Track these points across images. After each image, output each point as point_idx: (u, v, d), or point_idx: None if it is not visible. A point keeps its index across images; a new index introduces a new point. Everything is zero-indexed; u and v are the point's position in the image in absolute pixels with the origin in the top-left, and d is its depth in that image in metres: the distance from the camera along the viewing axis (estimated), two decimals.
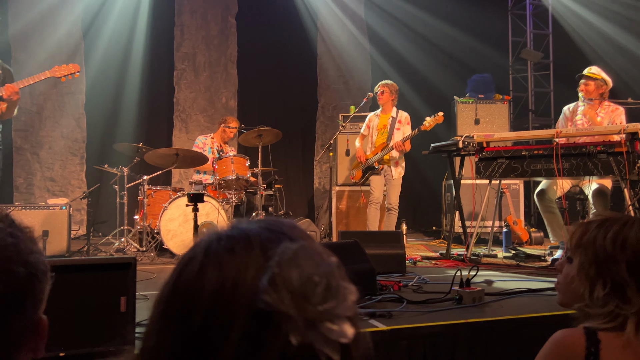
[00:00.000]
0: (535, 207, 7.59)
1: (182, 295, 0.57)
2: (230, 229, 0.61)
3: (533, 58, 7.96)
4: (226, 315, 0.52)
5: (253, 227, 0.60)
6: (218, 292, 0.54)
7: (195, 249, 0.60)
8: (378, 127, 5.60)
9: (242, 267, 0.54)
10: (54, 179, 7.02)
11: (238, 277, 0.54)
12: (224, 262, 0.56)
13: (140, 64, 7.22)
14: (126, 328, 1.98)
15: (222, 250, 0.57)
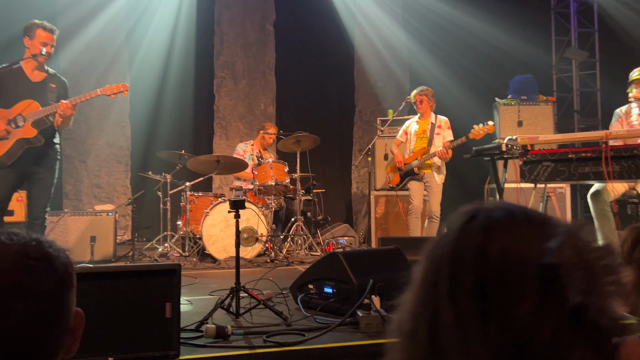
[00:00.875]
0: (583, 212, 7.35)
1: (470, 259, 0.62)
2: (496, 207, 0.67)
3: (578, 57, 7.71)
4: (518, 274, 0.58)
5: (520, 207, 0.66)
6: (508, 253, 0.60)
7: (471, 220, 0.65)
8: (417, 133, 5.48)
9: (521, 235, 0.61)
10: (101, 185, 7.25)
11: (520, 242, 0.60)
12: (509, 230, 0.62)
13: (181, 73, 7.40)
14: (171, 333, 2.01)
15: (504, 221, 0.64)
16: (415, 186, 5.41)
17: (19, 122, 3.77)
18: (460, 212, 0.68)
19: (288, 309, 2.76)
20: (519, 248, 0.60)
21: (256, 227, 5.09)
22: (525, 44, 7.65)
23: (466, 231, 0.64)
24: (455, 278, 0.62)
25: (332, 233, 6.39)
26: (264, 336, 2.26)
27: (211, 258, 5.03)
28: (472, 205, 0.69)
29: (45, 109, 3.82)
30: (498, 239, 0.61)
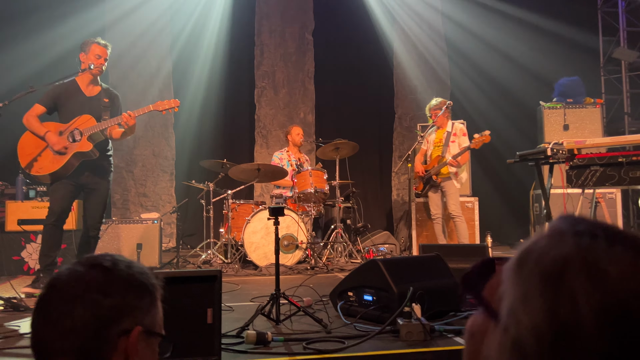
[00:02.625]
0: (635, 218, 7.03)
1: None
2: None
3: (628, 58, 7.41)
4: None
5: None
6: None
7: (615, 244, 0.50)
8: (434, 142, 5.65)
9: None
10: (147, 194, 7.48)
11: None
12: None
13: (223, 84, 7.59)
14: (212, 339, 2.05)
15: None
16: (432, 197, 5.62)
17: (76, 137, 3.95)
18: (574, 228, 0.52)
19: (328, 316, 2.76)
20: None
21: (296, 234, 5.13)
22: (571, 45, 7.43)
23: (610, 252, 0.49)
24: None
25: (372, 240, 6.35)
26: (304, 343, 2.27)
27: (253, 265, 5.09)
28: (582, 220, 0.53)
29: (101, 123, 4.00)
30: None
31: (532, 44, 7.58)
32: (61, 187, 3.95)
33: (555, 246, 0.50)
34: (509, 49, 7.69)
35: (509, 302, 0.50)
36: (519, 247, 0.54)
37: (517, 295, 0.50)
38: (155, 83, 7.45)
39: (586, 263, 0.48)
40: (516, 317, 0.49)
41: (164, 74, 7.54)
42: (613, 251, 0.49)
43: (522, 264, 0.51)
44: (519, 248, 0.54)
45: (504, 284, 0.52)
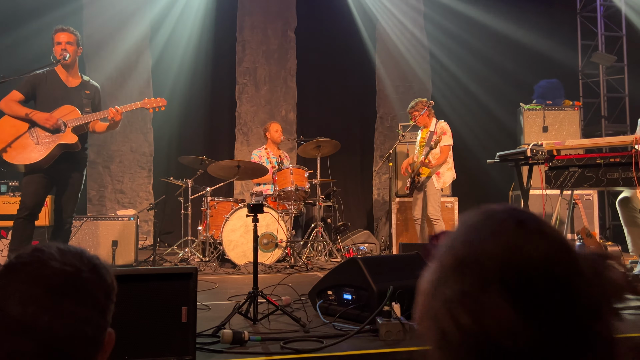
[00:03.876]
0: (611, 219, 7.15)
1: (512, 261, 0.64)
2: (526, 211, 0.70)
3: (605, 62, 7.53)
4: (564, 270, 0.64)
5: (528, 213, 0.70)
6: (551, 254, 0.64)
7: (501, 223, 0.68)
8: (419, 142, 5.60)
9: (557, 238, 0.66)
10: (124, 191, 7.34)
11: (562, 244, 0.66)
12: (544, 234, 0.66)
13: (203, 80, 7.48)
14: (187, 338, 1.99)
15: (542, 226, 0.67)
16: (416, 197, 5.54)
17: (61, 128, 3.85)
18: (499, 213, 0.70)
19: (306, 316, 2.71)
20: (561, 251, 0.65)
21: (276, 232, 5.08)
22: (550, 49, 7.52)
23: (519, 234, 0.66)
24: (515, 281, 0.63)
25: (352, 239, 6.34)
26: (282, 342, 2.23)
27: (231, 263, 5.03)
28: (506, 207, 0.71)
29: (86, 116, 3.93)
30: (552, 244, 0.65)
31: (513, 46, 7.65)
32: (35, 181, 3.84)
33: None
34: (489, 50, 7.75)
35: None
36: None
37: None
38: (134, 77, 7.32)
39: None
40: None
41: (144, 67, 7.40)
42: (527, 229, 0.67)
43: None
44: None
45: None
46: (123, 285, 0.99)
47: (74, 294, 0.76)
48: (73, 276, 0.77)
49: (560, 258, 0.65)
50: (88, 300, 0.77)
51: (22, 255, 0.78)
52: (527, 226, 0.67)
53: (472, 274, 0.65)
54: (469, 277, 0.65)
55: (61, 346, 0.74)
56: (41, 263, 0.76)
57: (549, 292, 0.63)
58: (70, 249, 0.80)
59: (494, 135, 7.34)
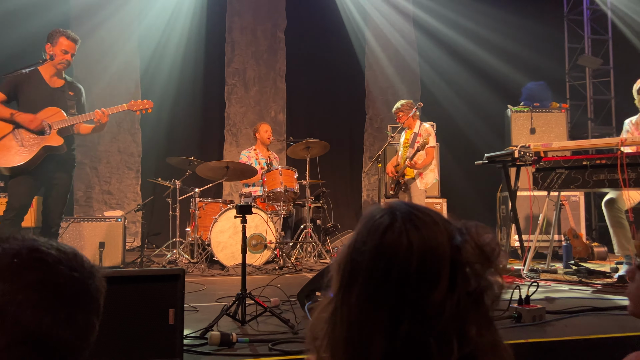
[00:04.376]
0: (598, 220, 7.22)
1: (389, 252, 0.73)
2: (405, 205, 0.78)
3: (592, 65, 7.61)
4: (435, 264, 0.72)
5: (422, 206, 0.79)
6: (426, 248, 0.72)
7: (386, 221, 0.75)
8: (403, 143, 5.63)
9: (436, 232, 0.74)
10: (111, 192, 7.28)
11: (436, 238, 0.73)
12: (421, 228, 0.74)
13: (192, 81, 7.45)
14: (174, 340, 1.98)
15: (415, 220, 0.75)
16: (401, 196, 5.55)
17: (46, 130, 3.80)
18: (375, 211, 0.78)
19: (295, 317, 2.71)
20: (436, 244, 0.73)
21: (265, 233, 5.06)
22: (538, 51, 7.59)
23: (391, 230, 0.74)
24: (381, 271, 0.72)
25: (341, 241, 6.34)
26: (270, 344, 2.22)
27: (219, 265, 5.00)
28: (385, 205, 0.79)
29: (72, 118, 3.88)
30: (420, 235, 0.73)
31: (501, 49, 7.70)
32: (22, 182, 3.79)
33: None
34: (478, 52, 7.80)
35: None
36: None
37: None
38: (122, 78, 7.26)
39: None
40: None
41: (132, 68, 7.35)
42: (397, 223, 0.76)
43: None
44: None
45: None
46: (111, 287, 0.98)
47: (81, 300, 0.76)
48: (80, 283, 0.77)
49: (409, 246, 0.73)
50: (92, 307, 0.78)
51: (22, 257, 0.75)
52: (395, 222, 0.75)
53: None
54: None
55: (63, 351, 0.74)
56: (49, 268, 0.75)
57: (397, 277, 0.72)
58: (67, 250, 0.79)
59: (482, 137, 7.39)
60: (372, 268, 0.73)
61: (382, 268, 0.72)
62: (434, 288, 0.70)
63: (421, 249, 0.72)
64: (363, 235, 0.76)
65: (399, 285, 0.71)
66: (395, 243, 0.72)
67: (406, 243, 0.72)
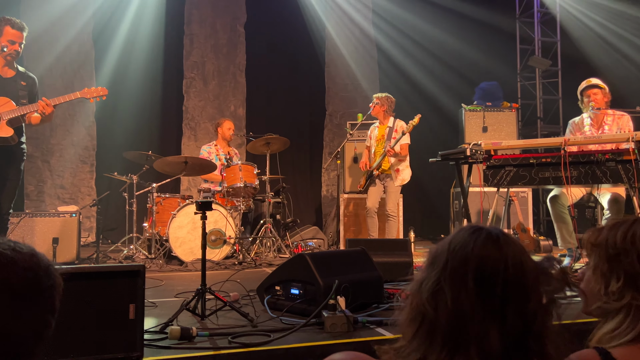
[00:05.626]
0: (544, 215, 7.57)
1: (485, 266, 0.89)
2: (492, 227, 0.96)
3: (541, 65, 7.94)
4: (530, 279, 0.89)
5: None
6: (522, 264, 0.90)
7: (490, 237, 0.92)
8: (377, 138, 5.68)
9: (522, 249, 0.92)
10: (64, 186, 7.09)
11: (526, 255, 0.92)
12: (516, 245, 0.92)
13: (150, 73, 7.31)
14: (135, 335, 2.00)
15: (509, 239, 0.93)
16: (371, 189, 5.60)
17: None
18: (471, 229, 0.94)
19: (254, 311, 2.76)
20: (526, 260, 0.90)
21: (224, 229, 5.07)
22: (492, 51, 7.85)
23: (491, 245, 0.90)
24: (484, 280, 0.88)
25: (301, 235, 6.41)
26: (229, 337, 2.26)
27: (178, 260, 4.98)
28: (476, 224, 0.96)
29: (21, 108, 3.77)
30: (513, 252, 0.90)
31: (457, 49, 7.93)
32: None
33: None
34: (435, 52, 8.01)
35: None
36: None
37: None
38: (76, 68, 7.07)
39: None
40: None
41: (86, 58, 7.16)
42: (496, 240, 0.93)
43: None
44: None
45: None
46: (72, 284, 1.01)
47: (36, 299, 0.78)
48: (34, 282, 0.78)
49: (514, 261, 0.89)
50: (46, 305, 0.80)
51: None
52: (496, 239, 0.91)
53: (434, 265, 0.93)
54: (434, 267, 0.93)
55: (16, 347, 0.76)
56: (2, 268, 0.77)
57: (503, 287, 0.87)
58: (24, 249, 0.81)
59: (438, 135, 7.61)
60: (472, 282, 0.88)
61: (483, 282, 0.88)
62: (528, 301, 0.88)
63: (516, 265, 0.89)
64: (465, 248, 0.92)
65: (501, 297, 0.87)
66: (492, 260, 0.90)
67: (504, 259, 0.89)
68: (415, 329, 0.90)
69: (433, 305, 0.88)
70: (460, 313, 0.86)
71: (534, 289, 0.89)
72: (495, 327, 0.85)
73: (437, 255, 0.94)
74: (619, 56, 7.01)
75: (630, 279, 1.06)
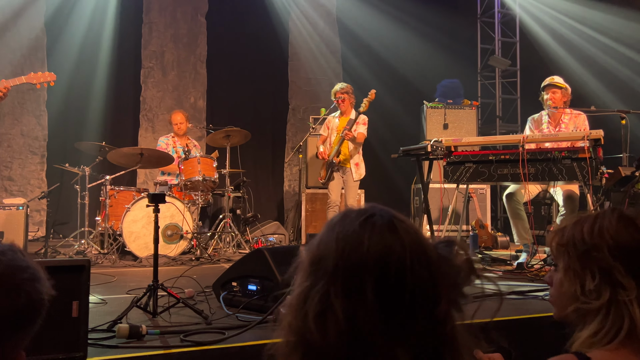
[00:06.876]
0: (502, 212, 7.73)
1: (388, 269, 0.70)
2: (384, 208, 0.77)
3: (501, 65, 8.09)
4: (424, 263, 0.72)
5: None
6: (415, 248, 0.72)
7: (369, 221, 0.73)
8: (337, 129, 5.54)
9: (419, 234, 0.75)
10: (12, 178, 6.75)
11: (424, 244, 0.74)
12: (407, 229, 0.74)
13: (106, 61, 7.03)
14: (78, 334, 1.88)
15: (404, 223, 0.75)
16: (332, 183, 5.46)
17: None
18: (360, 216, 0.74)
19: (210, 308, 2.66)
20: (428, 248, 0.73)
21: (181, 224, 4.93)
22: (454, 50, 7.95)
23: (375, 231, 0.72)
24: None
25: (261, 231, 6.32)
26: (182, 335, 2.17)
27: (132, 256, 4.81)
28: (360, 208, 0.77)
29: None
30: (411, 241, 0.72)
31: (420, 47, 7.98)
32: None
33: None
34: (398, 50, 8.04)
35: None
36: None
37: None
38: (26, 55, 6.73)
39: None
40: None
41: (37, 45, 6.83)
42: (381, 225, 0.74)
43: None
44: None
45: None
46: None
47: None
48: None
49: (418, 255, 0.71)
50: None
51: None
52: (393, 227, 0.72)
53: (318, 272, 0.71)
54: (318, 275, 0.71)
55: None
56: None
57: (412, 292, 0.69)
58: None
59: (400, 131, 7.64)
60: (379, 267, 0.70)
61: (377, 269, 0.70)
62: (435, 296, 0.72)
63: (411, 245, 0.73)
64: (356, 236, 0.72)
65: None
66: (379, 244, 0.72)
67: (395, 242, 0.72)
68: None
69: (320, 328, 0.68)
70: (357, 336, 0.66)
71: (443, 286, 0.72)
72: (403, 343, 0.67)
73: (320, 259, 0.72)
74: (577, 57, 7.20)
75: (605, 274, 1.01)
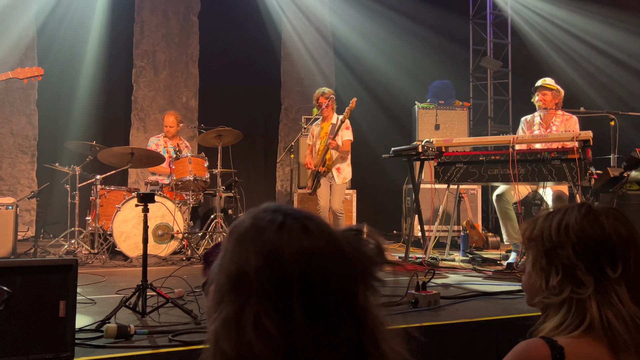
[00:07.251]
0: (493, 212, 7.77)
1: (313, 280, 0.67)
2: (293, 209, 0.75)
3: (492, 66, 8.13)
4: (341, 260, 0.70)
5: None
6: (331, 247, 0.71)
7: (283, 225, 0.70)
8: (320, 136, 5.51)
9: (330, 230, 0.74)
10: (2, 177, 6.70)
11: (336, 239, 0.72)
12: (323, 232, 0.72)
13: (97, 60, 6.99)
14: (65, 334, 1.87)
15: (316, 224, 0.74)
16: (321, 189, 5.44)
17: None
18: (273, 220, 0.71)
19: (199, 308, 2.66)
20: (339, 241, 0.72)
21: (172, 223, 4.91)
22: (446, 51, 7.97)
23: (287, 232, 0.70)
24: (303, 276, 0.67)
25: None
26: (170, 335, 2.16)
27: (122, 256, 4.78)
28: (268, 207, 0.74)
29: None
30: (326, 241, 0.71)
31: (412, 47, 8.00)
32: None
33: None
34: (390, 50, 8.05)
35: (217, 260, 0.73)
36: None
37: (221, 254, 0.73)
38: (16, 53, 6.67)
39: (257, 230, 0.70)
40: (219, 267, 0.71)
41: (27, 43, 6.77)
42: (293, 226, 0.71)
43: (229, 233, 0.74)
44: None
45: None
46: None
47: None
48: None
49: (334, 253, 0.69)
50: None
51: None
52: (306, 230, 0.70)
53: (240, 294, 0.66)
54: (241, 297, 0.66)
55: None
56: None
57: (335, 295, 0.67)
58: None
59: (392, 131, 7.66)
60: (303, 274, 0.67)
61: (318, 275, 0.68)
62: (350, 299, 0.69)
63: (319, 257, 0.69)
64: (272, 242, 0.68)
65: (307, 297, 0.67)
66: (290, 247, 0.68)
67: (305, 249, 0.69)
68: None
69: (260, 353, 0.63)
70: (294, 353, 0.64)
71: (359, 279, 0.70)
72: (329, 347, 0.65)
73: (238, 276, 0.67)
74: (567, 59, 7.25)
75: (568, 272, 1.04)
